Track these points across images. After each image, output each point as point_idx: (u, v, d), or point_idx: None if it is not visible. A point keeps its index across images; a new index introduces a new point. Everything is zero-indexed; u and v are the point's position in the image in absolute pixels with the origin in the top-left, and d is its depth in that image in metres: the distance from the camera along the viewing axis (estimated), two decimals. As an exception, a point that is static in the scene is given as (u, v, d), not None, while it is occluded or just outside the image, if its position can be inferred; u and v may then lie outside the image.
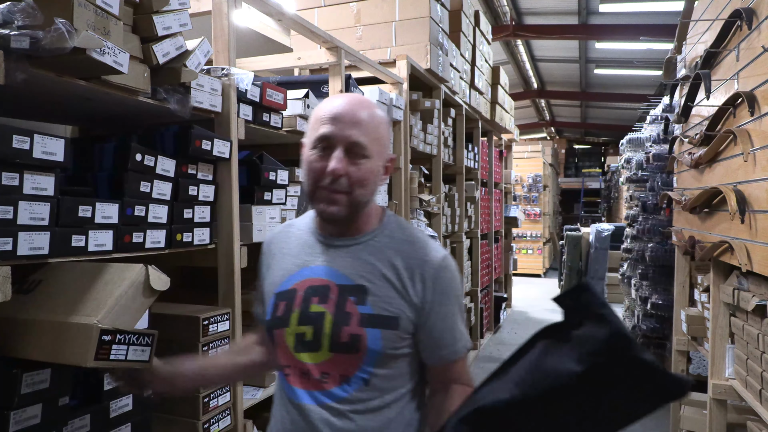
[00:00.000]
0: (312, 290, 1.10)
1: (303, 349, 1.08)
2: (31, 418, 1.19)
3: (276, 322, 1.11)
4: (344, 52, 2.53)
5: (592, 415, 0.81)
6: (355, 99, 1.11)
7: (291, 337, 1.09)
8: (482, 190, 5.70)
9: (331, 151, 1.05)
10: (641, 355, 0.77)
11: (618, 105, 13.26)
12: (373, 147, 1.08)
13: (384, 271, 1.09)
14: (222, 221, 1.78)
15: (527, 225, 11.50)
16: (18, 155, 1.13)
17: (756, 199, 1.87)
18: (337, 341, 1.05)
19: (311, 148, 1.08)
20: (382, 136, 1.11)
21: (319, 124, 1.08)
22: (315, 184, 1.07)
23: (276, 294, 1.14)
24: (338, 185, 1.05)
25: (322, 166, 1.05)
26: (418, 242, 1.14)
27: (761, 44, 1.84)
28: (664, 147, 4.01)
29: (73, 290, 1.26)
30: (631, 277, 5.23)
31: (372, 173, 1.08)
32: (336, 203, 1.06)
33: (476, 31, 4.89)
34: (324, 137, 1.06)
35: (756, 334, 2.03)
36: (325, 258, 1.13)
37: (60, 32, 1.06)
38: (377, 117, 1.10)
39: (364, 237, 1.13)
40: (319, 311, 1.08)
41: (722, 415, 2.46)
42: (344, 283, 1.09)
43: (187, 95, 1.56)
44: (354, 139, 1.05)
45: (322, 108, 1.10)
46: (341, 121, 1.05)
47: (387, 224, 1.16)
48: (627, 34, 8.17)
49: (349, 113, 1.06)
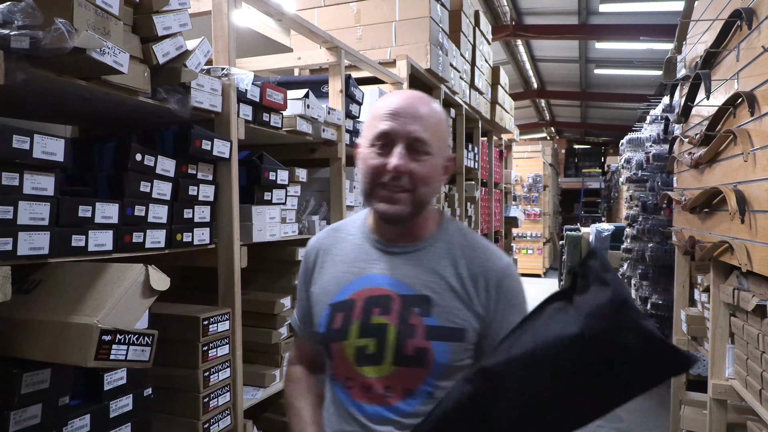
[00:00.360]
0: (372, 301, 1.04)
1: (365, 363, 1.03)
2: (31, 418, 1.19)
3: (333, 335, 1.06)
4: (344, 52, 2.53)
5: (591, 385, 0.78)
6: (415, 94, 1.07)
7: (351, 350, 1.04)
8: (482, 190, 5.70)
9: (391, 148, 1.01)
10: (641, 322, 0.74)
11: (618, 105, 13.26)
12: (434, 143, 1.03)
13: (448, 280, 1.04)
14: (222, 221, 1.78)
15: (527, 225, 11.50)
16: (18, 155, 1.13)
17: (756, 199, 1.87)
18: (402, 354, 1.01)
19: (370, 145, 1.04)
20: (443, 132, 1.07)
21: (378, 120, 1.03)
22: (374, 182, 1.02)
23: (331, 305, 1.08)
24: (400, 183, 1.00)
25: (381, 163, 1.01)
26: (481, 248, 1.10)
27: (761, 44, 1.84)
28: (664, 147, 4.01)
29: (73, 290, 1.26)
30: (631, 277, 5.24)
31: (435, 170, 1.04)
32: (398, 202, 1.01)
33: (476, 31, 4.89)
34: (384, 133, 1.01)
35: (756, 334, 2.03)
36: (384, 265, 1.07)
37: (60, 32, 1.06)
38: (438, 113, 1.06)
39: (424, 243, 1.08)
40: (382, 323, 1.02)
41: (722, 415, 2.46)
42: (407, 294, 1.03)
43: (187, 95, 1.56)
44: (416, 135, 1.01)
45: (381, 105, 1.06)
46: (402, 116, 1.01)
47: (446, 229, 1.11)
48: (627, 34, 8.17)
49: (410, 108, 1.02)
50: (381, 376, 1.02)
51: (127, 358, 1.20)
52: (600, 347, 0.75)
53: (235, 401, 1.79)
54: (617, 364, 0.76)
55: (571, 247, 8.84)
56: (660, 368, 0.76)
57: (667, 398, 3.78)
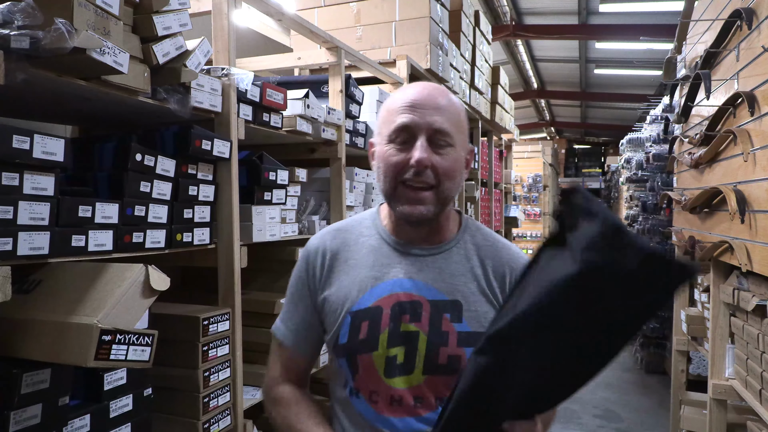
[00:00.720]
0: (400, 307, 0.98)
1: (396, 373, 0.96)
2: (31, 418, 1.19)
3: (360, 346, 0.97)
4: (344, 52, 2.53)
5: (603, 321, 0.74)
6: (432, 85, 1.01)
7: (381, 360, 0.97)
8: (482, 190, 5.70)
9: (412, 143, 0.95)
10: (638, 243, 0.70)
11: (618, 105, 13.26)
12: (456, 135, 0.98)
13: (477, 283, 1.01)
14: (222, 221, 1.78)
15: (527, 225, 11.50)
16: (18, 155, 1.13)
17: (756, 199, 1.87)
18: (434, 363, 0.95)
19: (387, 142, 0.98)
20: (463, 124, 1.01)
21: (395, 114, 0.97)
22: (395, 180, 0.96)
23: (353, 313, 0.99)
24: (423, 178, 0.94)
25: (403, 159, 0.95)
26: (502, 246, 1.07)
27: (761, 44, 1.84)
28: (664, 147, 4.02)
29: (73, 290, 1.26)
30: (631, 277, 5.23)
31: (458, 164, 0.98)
32: (422, 202, 0.96)
33: (476, 31, 4.89)
34: (404, 127, 0.95)
35: (756, 334, 2.03)
36: (408, 269, 1.01)
37: (60, 32, 1.06)
38: (457, 104, 1.01)
39: (448, 244, 1.04)
40: (412, 331, 0.96)
41: (722, 415, 2.46)
42: (437, 299, 0.98)
43: (187, 95, 1.56)
44: (438, 126, 0.95)
45: (397, 97, 1.00)
46: (421, 108, 0.95)
47: (467, 229, 1.08)
48: (627, 34, 8.17)
49: (429, 99, 0.97)
50: (411, 386, 0.96)
51: (127, 358, 1.20)
52: (603, 279, 0.71)
53: (235, 401, 1.79)
54: (624, 291, 0.72)
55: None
56: (667, 283, 0.72)
57: (667, 398, 3.78)
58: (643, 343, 4.97)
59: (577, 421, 3.88)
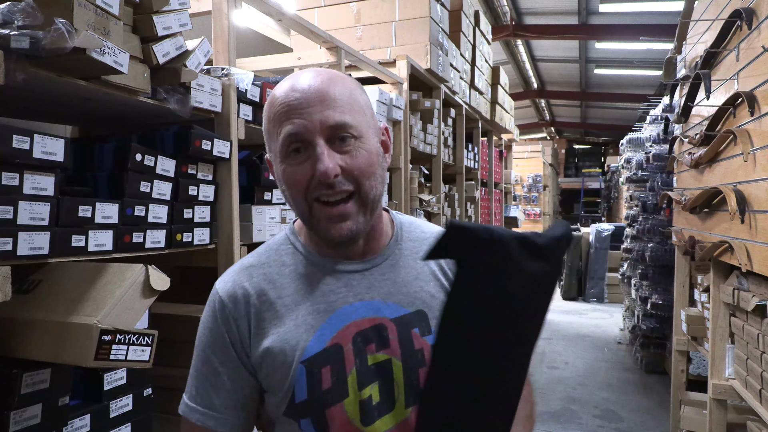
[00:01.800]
0: (363, 337, 0.82)
1: (375, 417, 0.80)
2: (31, 418, 1.19)
3: (327, 398, 0.80)
4: (344, 52, 2.53)
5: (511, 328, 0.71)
6: (313, 73, 0.82)
7: (354, 407, 0.80)
8: (482, 190, 5.70)
9: (309, 150, 0.79)
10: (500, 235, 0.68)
11: (618, 105, 13.27)
12: (359, 122, 0.81)
13: (435, 280, 0.89)
14: (222, 221, 1.78)
15: (527, 225, 11.49)
16: (18, 155, 1.13)
17: (756, 199, 1.87)
18: (416, 389, 0.81)
19: (282, 159, 0.81)
20: (361, 102, 0.83)
21: (277, 123, 0.80)
22: (306, 200, 0.80)
23: (306, 361, 0.80)
24: (338, 187, 0.78)
25: (305, 174, 0.79)
26: (438, 229, 0.96)
27: (761, 44, 1.84)
28: (664, 147, 4.01)
29: (73, 290, 1.26)
30: (631, 277, 5.24)
31: (373, 155, 0.82)
32: (346, 217, 0.80)
33: (476, 31, 4.90)
34: (290, 136, 0.79)
35: (756, 334, 2.03)
36: (356, 291, 0.85)
37: (60, 32, 1.06)
38: (346, 82, 0.83)
39: (389, 249, 0.90)
40: (383, 360, 0.81)
41: (722, 415, 2.46)
42: (399, 314, 0.84)
43: (187, 95, 1.56)
44: (332, 121, 0.78)
45: (275, 100, 0.81)
46: (306, 107, 0.78)
47: (402, 226, 0.94)
48: (627, 34, 8.18)
49: (311, 92, 0.79)
50: (396, 424, 0.80)
51: (127, 358, 1.20)
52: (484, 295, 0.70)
53: (235, 401, 1.79)
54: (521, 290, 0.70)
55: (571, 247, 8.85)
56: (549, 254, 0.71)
57: (667, 398, 3.78)
58: (643, 343, 4.97)
59: (577, 421, 3.88)
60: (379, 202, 0.85)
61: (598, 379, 4.81)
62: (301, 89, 0.80)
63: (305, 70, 0.85)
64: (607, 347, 5.89)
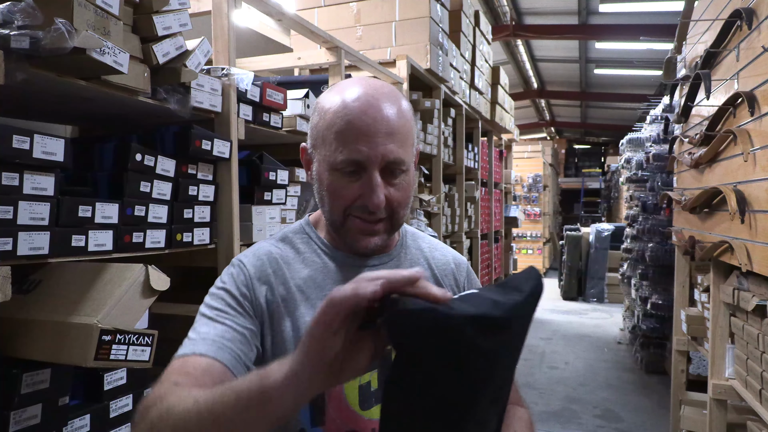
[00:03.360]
0: None
1: (373, 403, 0.84)
2: (31, 418, 1.19)
3: None
4: (344, 52, 2.53)
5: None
6: (377, 97, 0.84)
7: (353, 391, 0.84)
8: (482, 190, 5.70)
9: (361, 174, 0.83)
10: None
11: (618, 105, 13.27)
12: (409, 156, 0.86)
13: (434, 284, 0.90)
14: (222, 221, 1.78)
15: (527, 225, 11.50)
16: (18, 155, 1.13)
17: (756, 199, 1.87)
18: None
19: (332, 170, 0.84)
20: (413, 135, 0.89)
21: (339, 137, 0.82)
22: (343, 213, 0.85)
23: None
24: (377, 215, 0.85)
25: (353, 194, 0.83)
26: (439, 245, 1.03)
27: (761, 44, 1.84)
28: (664, 147, 4.02)
29: (73, 290, 1.26)
30: (631, 277, 5.24)
31: (411, 187, 0.89)
32: (375, 233, 0.86)
33: (476, 31, 4.90)
34: (353, 162, 0.82)
35: (756, 334, 2.03)
36: None
37: (60, 32, 1.06)
38: (405, 112, 0.87)
39: (396, 251, 0.97)
40: None
41: (722, 415, 2.46)
42: None
43: (187, 95, 1.56)
44: (393, 157, 0.82)
45: (340, 117, 0.83)
46: (374, 136, 0.81)
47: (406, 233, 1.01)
48: (627, 34, 8.18)
49: (380, 122, 0.82)
50: None
51: (127, 358, 1.20)
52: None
53: (235, 401, 1.79)
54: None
55: (571, 247, 8.85)
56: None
57: (667, 398, 3.78)
58: (643, 343, 4.97)
59: (577, 421, 3.88)
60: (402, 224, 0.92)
61: (598, 379, 4.81)
62: (372, 116, 0.82)
63: (371, 87, 0.85)
64: (607, 347, 5.89)
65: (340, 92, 0.86)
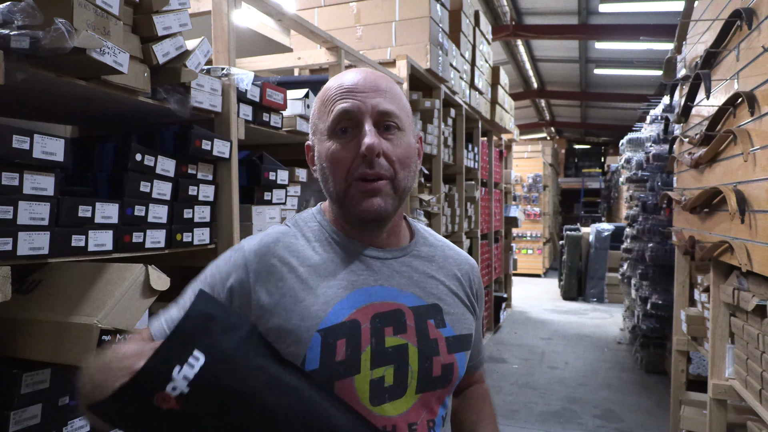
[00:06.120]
0: (381, 319, 0.84)
1: (385, 399, 0.81)
2: (31, 418, 1.19)
3: (337, 371, 0.80)
4: (344, 52, 2.53)
5: None
6: (366, 69, 0.91)
7: (364, 385, 0.80)
8: (482, 190, 5.70)
9: (356, 131, 0.84)
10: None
11: (618, 105, 13.26)
12: (404, 117, 0.88)
13: (448, 284, 0.94)
14: (222, 221, 1.78)
15: (527, 225, 11.50)
16: (18, 155, 1.13)
17: (756, 199, 1.87)
18: (428, 377, 0.84)
19: (328, 137, 0.86)
20: (407, 108, 0.91)
21: (331, 103, 0.86)
22: (346, 178, 0.84)
23: (322, 331, 0.81)
24: (377, 169, 0.83)
25: (351, 153, 0.83)
26: (452, 246, 1.03)
27: (761, 44, 1.84)
28: (664, 147, 4.01)
29: (73, 290, 1.26)
30: (631, 277, 5.24)
31: (411, 150, 0.88)
32: (378, 193, 0.83)
33: (476, 31, 4.90)
34: (344, 113, 0.84)
35: (756, 334, 2.03)
36: (377, 276, 0.88)
37: (60, 32, 1.06)
38: (396, 86, 0.91)
39: (409, 247, 0.94)
40: (400, 344, 0.83)
41: (722, 415, 2.46)
42: (417, 305, 0.87)
43: (187, 95, 1.56)
44: (383, 108, 0.84)
45: (331, 86, 0.88)
46: (361, 91, 0.85)
47: (417, 232, 0.99)
48: (627, 34, 8.17)
49: (367, 82, 0.86)
50: (404, 411, 0.82)
51: (127, 358, 1.20)
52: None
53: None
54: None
55: (571, 247, 8.85)
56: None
57: (667, 398, 3.78)
58: (643, 343, 4.97)
59: (577, 421, 3.88)
60: (408, 194, 0.90)
61: (598, 379, 4.81)
62: (357, 77, 0.87)
63: (362, 68, 0.92)
64: (607, 347, 5.89)
65: (333, 78, 0.92)
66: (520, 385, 4.58)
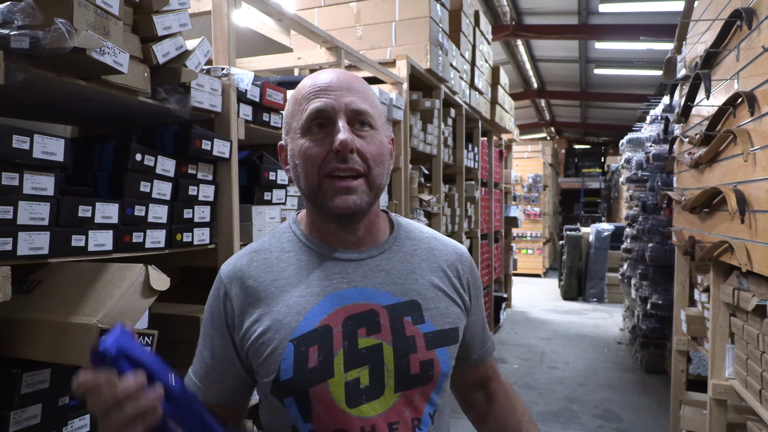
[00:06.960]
0: (353, 321, 0.85)
1: (363, 400, 0.82)
2: (31, 418, 1.19)
3: (310, 377, 0.81)
4: (344, 52, 2.53)
5: None
6: (339, 69, 0.92)
7: (339, 389, 0.82)
8: (482, 190, 5.70)
9: (330, 129, 0.85)
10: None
11: (618, 105, 13.26)
12: (376, 116, 0.89)
13: (430, 277, 0.92)
14: (222, 221, 1.78)
15: (527, 225, 11.50)
16: (18, 155, 1.13)
17: (756, 199, 1.87)
18: (406, 375, 0.84)
19: (301, 135, 0.86)
20: (379, 108, 0.92)
21: (305, 102, 0.86)
22: (318, 174, 0.84)
23: (294, 340, 0.83)
24: (351, 164, 0.83)
25: (323, 149, 0.84)
26: (440, 237, 1.01)
27: (761, 44, 1.84)
28: (664, 147, 4.01)
29: (73, 290, 1.26)
30: (631, 277, 5.24)
31: (384, 147, 0.89)
32: (353, 191, 0.84)
33: (476, 31, 4.90)
34: (317, 112, 0.84)
35: (756, 334, 2.03)
36: (350, 277, 0.88)
37: (60, 32, 1.06)
38: (369, 87, 0.92)
39: (386, 245, 0.93)
40: (373, 344, 0.84)
41: (722, 415, 2.46)
42: (392, 303, 0.87)
43: (187, 95, 1.56)
44: (356, 107, 0.85)
45: (305, 86, 0.89)
46: (335, 90, 0.86)
47: (400, 226, 0.98)
48: (627, 34, 8.17)
49: (340, 81, 0.87)
50: (383, 411, 0.83)
51: (127, 358, 1.20)
52: None
53: (235, 401, 1.79)
54: None
55: (571, 247, 8.85)
56: None
57: (667, 398, 3.78)
58: (643, 343, 4.97)
59: (577, 421, 3.88)
60: (382, 191, 0.90)
61: (598, 379, 4.81)
62: (330, 77, 0.88)
63: (335, 69, 0.95)
64: (607, 347, 5.89)
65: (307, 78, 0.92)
66: (520, 385, 4.58)
